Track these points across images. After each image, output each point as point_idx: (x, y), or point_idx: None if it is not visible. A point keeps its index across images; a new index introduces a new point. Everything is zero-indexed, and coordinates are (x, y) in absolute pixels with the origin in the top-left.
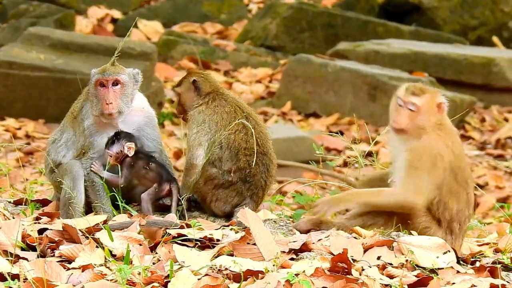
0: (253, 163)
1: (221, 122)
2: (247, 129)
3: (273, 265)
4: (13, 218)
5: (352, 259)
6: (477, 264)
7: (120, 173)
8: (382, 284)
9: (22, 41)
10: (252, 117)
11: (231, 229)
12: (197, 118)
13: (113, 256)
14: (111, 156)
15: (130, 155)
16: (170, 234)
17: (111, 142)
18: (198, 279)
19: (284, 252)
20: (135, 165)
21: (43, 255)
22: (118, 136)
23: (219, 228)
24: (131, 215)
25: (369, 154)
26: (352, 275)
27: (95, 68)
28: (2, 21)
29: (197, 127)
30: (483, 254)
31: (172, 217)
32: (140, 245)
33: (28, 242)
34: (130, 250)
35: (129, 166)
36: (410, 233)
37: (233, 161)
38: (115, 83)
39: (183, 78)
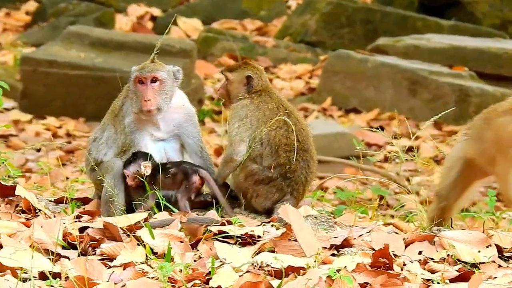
0: (294, 159)
1: (262, 118)
2: (288, 125)
3: (315, 261)
4: (54, 216)
5: (394, 254)
6: None
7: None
8: (423, 279)
9: (62, 40)
10: (294, 115)
11: (272, 225)
12: (239, 112)
13: (154, 253)
14: (128, 176)
15: (147, 174)
16: (211, 231)
17: (127, 162)
18: (240, 276)
19: (325, 248)
20: (157, 180)
21: (84, 253)
22: (135, 156)
23: (260, 225)
24: (172, 213)
25: (410, 149)
26: (393, 270)
27: (135, 65)
28: (42, 20)
29: (238, 122)
30: None
31: (213, 214)
32: (181, 242)
33: (69, 241)
34: (171, 248)
35: (150, 184)
36: (451, 228)
37: (274, 157)
38: (154, 80)
39: (237, 66)
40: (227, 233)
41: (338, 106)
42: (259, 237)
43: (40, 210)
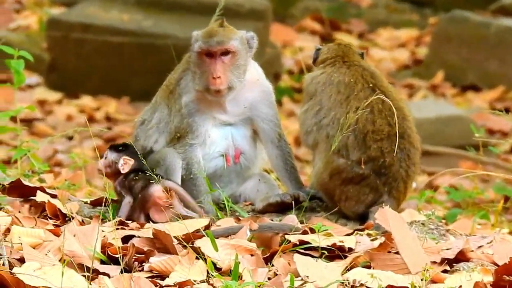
0: (387, 150)
1: (336, 96)
2: (374, 105)
3: (422, 280)
4: (91, 223)
5: None
6: None
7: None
8: None
9: None
10: (381, 89)
11: (367, 234)
12: (308, 88)
13: (218, 270)
14: (98, 164)
15: (122, 171)
16: (290, 241)
17: (113, 147)
18: None
19: (435, 262)
20: (124, 182)
21: (128, 269)
22: (125, 147)
23: (352, 233)
24: (239, 219)
25: None
26: None
27: (194, 30)
28: None
29: (308, 102)
30: None
31: (292, 219)
32: (252, 255)
33: (110, 254)
34: (240, 262)
35: (120, 187)
36: None
37: (362, 149)
38: (225, 52)
39: None
40: (310, 243)
41: (451, 82)
42: (350, 249)
43: (72, 216)
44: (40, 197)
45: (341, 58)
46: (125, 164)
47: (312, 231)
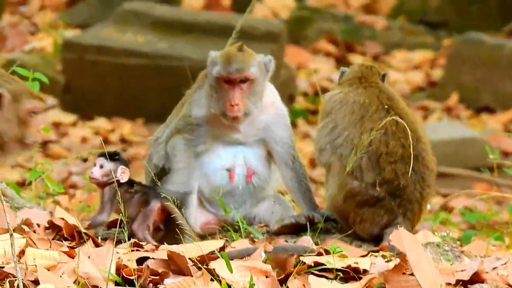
0: (401, 172)
1: (350, 117)
2: (387, 127)
3: None
4: (106, 244)
5: None
6: None
7: (101, 206)
8: None
9: (115, 19)
10: (397, 111)
11: (381, 255)
12: (325, 106)
13: None
14: (92, 173)
15: (122, 180)
16: (305, 263)
17: (108, 157)
18: None
19: (449, 284)
20: (117, 195)
21: None
22: (118, 156)
23: (367, 255)
24: (254, 240)
25: None
26: None
27: (210, 51)
28: None
29: (323, 120)
30: None
31: (306, 241)
32: (267, 277)
33: (125, 275)
34: (254, 284)
35: (112, 195)
36: None
37: (376, 171)
38: (244, 79)
39: None
40: (325, 265)
41: (466, 103)
42: (365, 270)
43: (88, 237)
44: (58, 213)
45: (359, 79)
46: (124, 173)
47: (327, 252)
